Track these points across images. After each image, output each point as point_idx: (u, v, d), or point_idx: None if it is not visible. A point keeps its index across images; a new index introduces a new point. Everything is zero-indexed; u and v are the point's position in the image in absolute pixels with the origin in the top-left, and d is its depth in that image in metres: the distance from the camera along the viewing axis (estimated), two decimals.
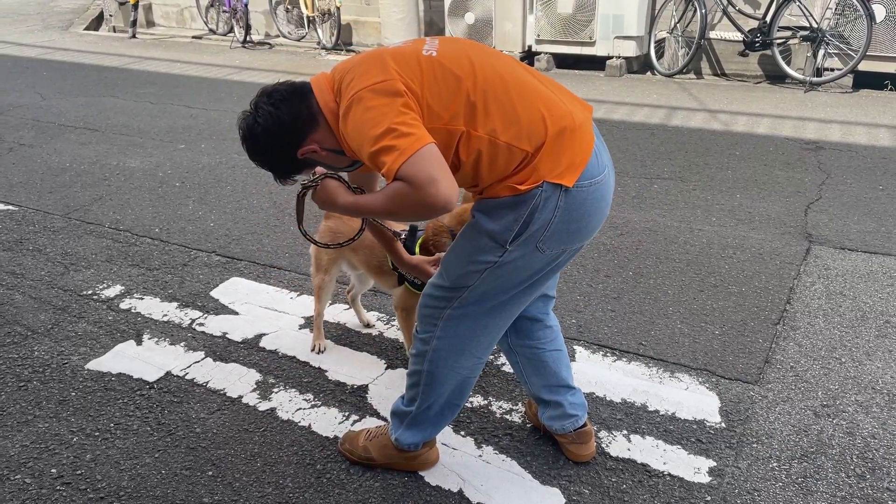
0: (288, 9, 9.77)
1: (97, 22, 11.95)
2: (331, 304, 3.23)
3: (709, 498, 2.13)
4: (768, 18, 6.73)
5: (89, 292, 3.41)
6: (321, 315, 2.88)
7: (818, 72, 6.72)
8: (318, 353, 2.88)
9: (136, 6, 10.84)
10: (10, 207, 4.46)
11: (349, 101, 1.72)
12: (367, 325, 3.06)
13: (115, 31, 11.49)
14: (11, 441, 2.44)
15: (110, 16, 11.57)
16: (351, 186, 1.92)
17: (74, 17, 12.46)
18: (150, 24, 11.60)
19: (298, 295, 3.34)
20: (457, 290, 1.93)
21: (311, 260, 2.84)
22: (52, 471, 2.31)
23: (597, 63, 7.65)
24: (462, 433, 2.42)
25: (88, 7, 12.72)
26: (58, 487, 2.24)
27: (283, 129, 1.82)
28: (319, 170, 1.93)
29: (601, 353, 2.85)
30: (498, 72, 1.79)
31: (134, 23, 10.88)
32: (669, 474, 2.23)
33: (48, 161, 5.32)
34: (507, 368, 2.75)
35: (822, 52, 6.64)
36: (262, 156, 1.89)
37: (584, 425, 2.27)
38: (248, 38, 9.79)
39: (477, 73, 1.76)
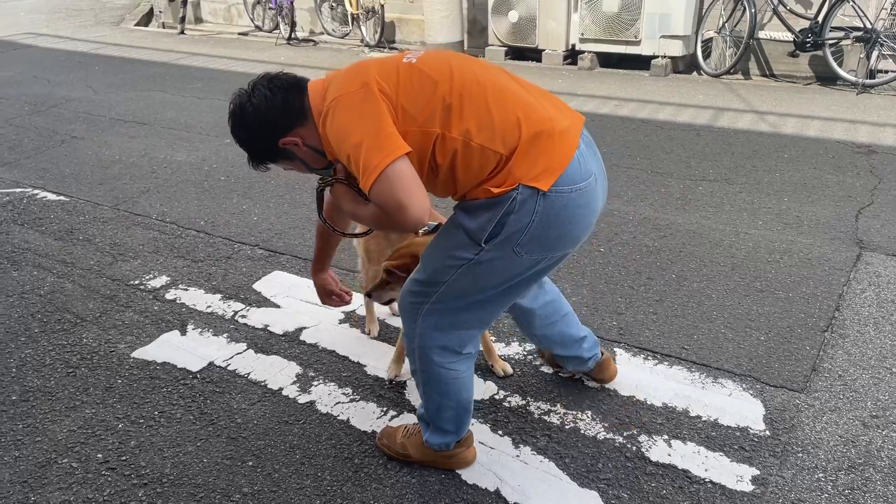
0: (333, 6, 9.85)
1: (147, 18, 12.20)
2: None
3: None
4: (820, 18, 6.56)
5: (136, 282, 3.49)
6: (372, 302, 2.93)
7: (871, 73, 6.53)
8: (368, 336, 2.95)
9: (184, 3, 11.03)
10: (62, 198, 4.58)
11: (329, 105, 1.78)
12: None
13: (164, 28, 11.72)
14: (59, 425, 2.51)
15: (160, 12, 11.81)
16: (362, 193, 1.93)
17: (125, 13, 12.74)
18: (199, 20, 11.80)
19: None
20: (433, 284, 1.94)
21: (358, 254, 2.85)
22: (98, 456, 2.36)
23: (641, 62, 7.55)
24: (500, 433, 2.42)
25: (139, 3, 12.99)
26: (103, 472, 2.29)
27: (273, 113, 1.86)
28: (340, 168, 1.95)
29: (642, 356, 2.81)
30: (476, 77, 1.81)
31: (182, 19, 11.08)
32: (711, 481, 2.19)
33: (98, 153, 5.45)
34: (546, 369, 2.73)
35: (875, 53, 6.45)
36: (244, 134, 1.91)
37: (602, 354, 2.47)
38: (293, 35, 9.89)
39: (454, 77, 1.79)
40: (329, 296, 2.41)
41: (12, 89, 7.56)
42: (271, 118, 1.85)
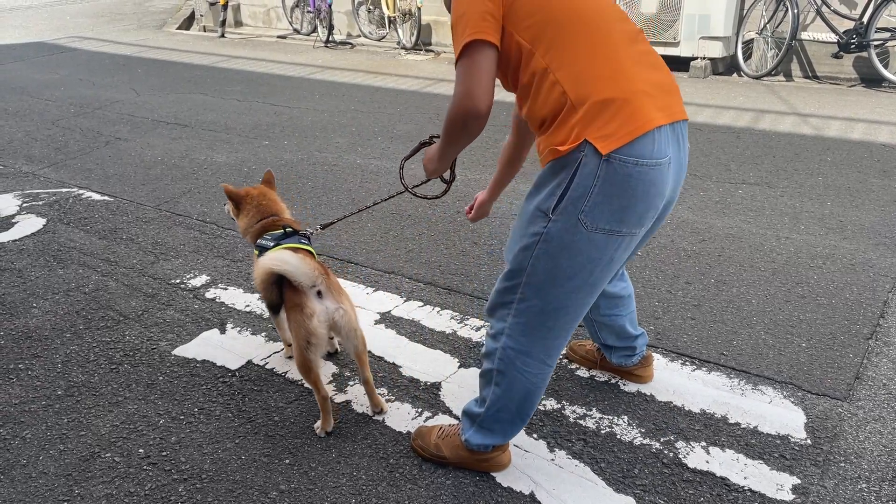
0: (370, 9, 9.93)
1: (189, 22, 12.43)
2: (405, 301, 3.27)
3: None
4: (865, 19, 6.42)
5: (177, 281, 3.55)
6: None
7: None
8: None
9: (225, 6, 11.22)
10: (107, 198, 4.69)
11: None
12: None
13: (205, 31, 11.93)
14: (103, 420, 2.57)
15: (201, 16, 12.02)
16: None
17: (167, 17, 13.00)
18: (238, 23, 11.99)
19: (374, 291, 3.39)
20: (517, 273, 1.94)
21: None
22: (140, 451, 2.41)
23: (680, 64, 7.47)
24: (535, 436, 2.41)
25: (181, 7, 13.25)
26: (144, 467, 2.34)
27: None
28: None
29: (680, 361, 2.78)
30: (590, 14, 1.81)
31: (223, 23, 11.27)
32: (750, 489, 2.16)
33: (141, 154, 5.57)
34: (581, 373, 2.72)
35: None
36: None
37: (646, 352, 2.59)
38: (330, 38, 9.99)
39: (574, 5, 1.81)
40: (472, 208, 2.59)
41: (59, 91, 7.76)
42: None
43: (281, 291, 2.32)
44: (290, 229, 2.62)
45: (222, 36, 11.22)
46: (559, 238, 1.83)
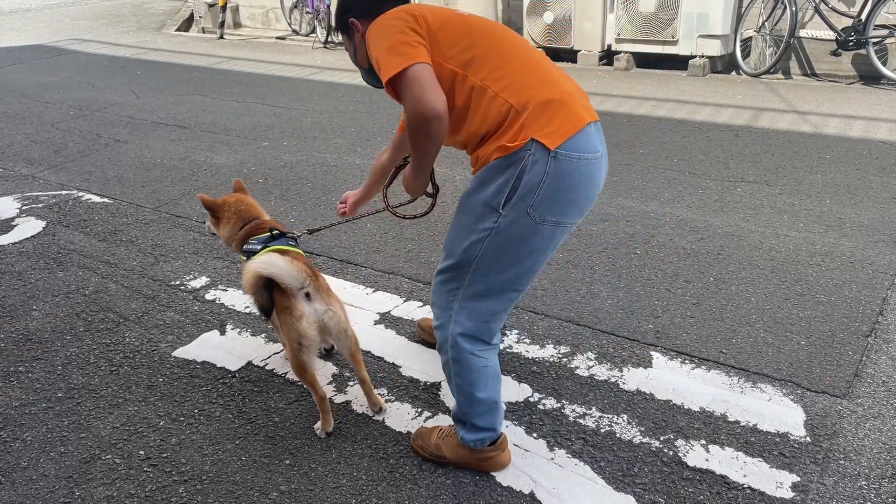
0: None
1: (188, 23, 12.44)
2: (405, 301, 3.28)
3: None
4: (863, 16, 6.42)
5: (177, 283, 3.56)
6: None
7: None
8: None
9: (224, 8, 11.22)
10: (106, 200, 4.70)
11: (381, 17, 1.98)
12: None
13: (204, 32, 11.93)
14: (103, 422, 2.57)
15: (200, 17, 12.03)
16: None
17: (166, 19, 13.01)
18: (237, 25, 11.99)
19: (374, 291, 3.40)
20: (464, 265, 2.03)
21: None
22: (140, 452, 2.42)
23: (679, 62, 7.47)
24: (534, 435, 2.41)
25: (180, 9, 13.25)
26: (145, 469, 2.34)
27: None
28: None
29: (679, 360, 2.78)
30: (511, 41, 1.99)
31: (222, 24, 11.27)
32: (749, 487, 2.16)
33: (141, 156, 5.57)
34: (580, 372, 2.72)
35: None
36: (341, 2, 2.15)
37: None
38: (329, 39, 9.99)
39: (490, 33, 1.97)
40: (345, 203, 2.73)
41: (58, 94, 7.77)
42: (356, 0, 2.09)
43: (271, 295, 2.32)
44: (277, 231, 2.62)
45: (221, 37, 11.22)
46: (508, 231, 1.94)
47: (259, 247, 2.54)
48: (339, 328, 2.36)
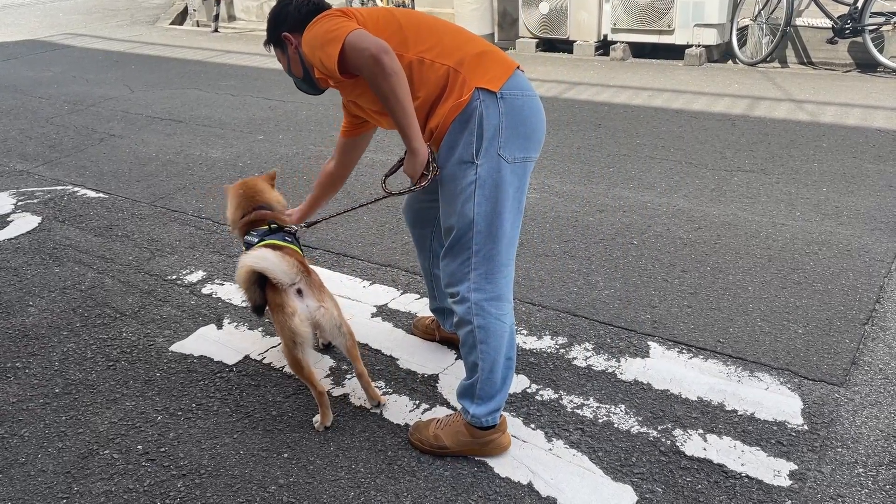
0: (364, 2, 9.88)
1: (182, 17, 12.38)
2: (402, 294, 3.27)
3: (789, 502, 2.06)
4: (859, 4, 6.40)
5: (173, 277, 3.55)
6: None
7: None
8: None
9: (218, 1, 11.17)
10: (102, 195, 4.68)
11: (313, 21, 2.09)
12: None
13: (198, 26, 11.88)
14: (101, 417, 2.57)
15: (194, 11, 11.97)
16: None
17: (160, 13, 12.94)
18: (232, 18, 11.93)
19: (371, 284, 3.39)
20: (466, 230, 2.09)
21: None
22: (139, 447, 2.42)
23: (675, 52, 7.45)
24: (532, 426, 2.41)
25: (174, 2, 13.18)
26: (143, 463, 2.34)
27: (293, 11, 2.19)
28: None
29: (677, 349, 2.78)
30: (430, 20, 2.14)
31: (216, 17, 11.21)
32: (747, 476, 2.16)
33: (136, 151, 5.55)
34: (578, 363, 2.72)
35: None
36: (271, 14, 2.26)
37: None
38: None
39: (411, 17, 2.12)
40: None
41: (52, 89, 7.73)
42: (288, 12, 2.19)
43: (264, 292, 2.31)
44: (276, 225, 2.60)
45: (216, 31, 11.17)
46: (490, 178, 2.04)
47: (256, 240, 2.53)
48: (333, 325, 2.35)
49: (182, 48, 9.89)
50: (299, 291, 2.29)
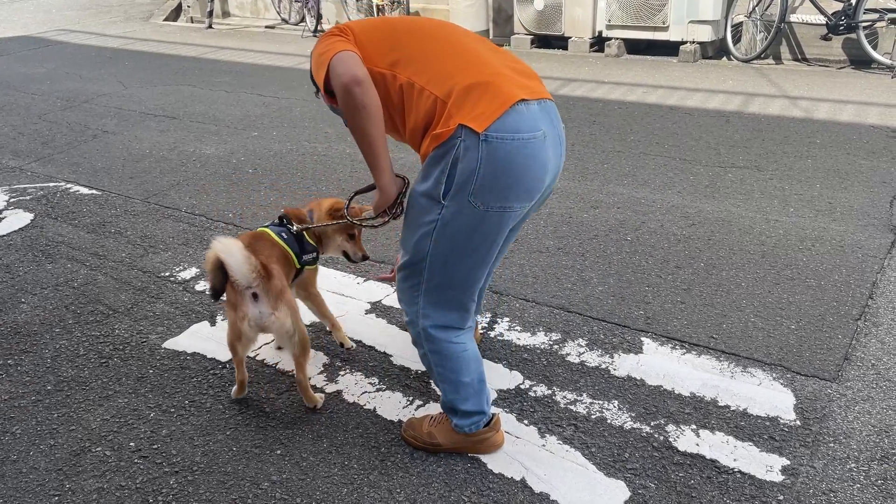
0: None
1: (176, 13, 12.33)
2: (395, 291, 3.27)
3: (781, 497, 2.07)
4: (853, 1, 6.41)
5: (166, 274, 3.54)
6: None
7: None
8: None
9: None
10: (95, 192, 4.66)
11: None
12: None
13: (192, 22, 11.84)
14: (93, 414, 2.56)
15: (188, 7, 11.93)
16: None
17: (154, 8, 12.89)
18: (226, 14, 11.89)
19: (364, 280, 3.39)
20: (419, 261, 2.03)
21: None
22: (131, 444, 2.41)
23: (670, 48, 7.46)
24: (525, 422, 2.41)
25: None
26: (135, 460, 2.34)
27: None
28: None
29: (670, 345, 2.78)
30: (434, 33, 1.98)
31: (210, 13, 11.18)
32: (740, 471, 2.17)
33: (129, 147, 5.53)
34: (571, 359, 2.73)
35: None
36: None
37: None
38: (318, 28, 9.93)
39: (413, 31, 1.98)
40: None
41: (45, 85, 7.70)
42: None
43: (226, 281, 2.31)
44: (283, 216, 2.64)
45: (210, 27, 11.13)
46: (455, 221, 1.93)
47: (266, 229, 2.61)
48: (282, 333, 2.38)
49: (176, 44, 9.85)
50: (255, 295, 2.31)
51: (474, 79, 1.87)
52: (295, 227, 2.64)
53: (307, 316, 2.85)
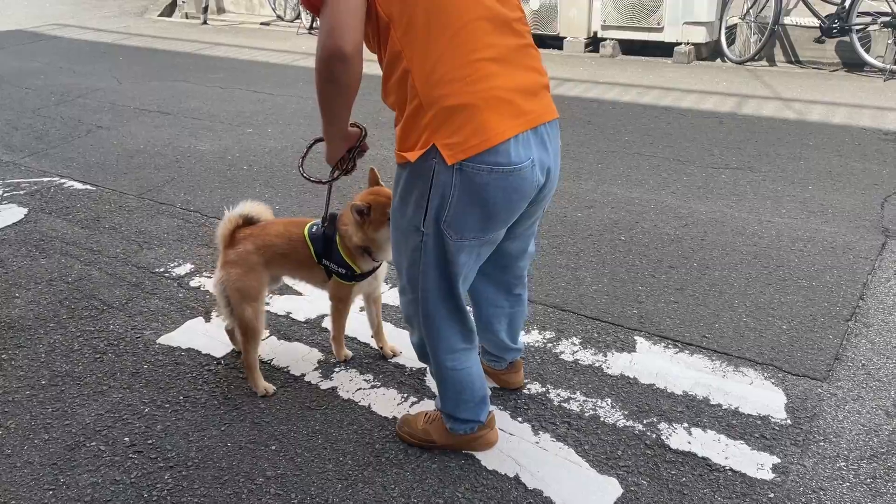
0: None
1: (171, 8, 12.29)
2: (391, 288, 3.28)
3: (772, 495, 2.09)
4: (847, 4, 6.45)
5: (161, 270, 3.54)
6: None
7: None
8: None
9: None
10: (89, 187, 4.65)
11: None
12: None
13: (187, 18, 11.80)
14: (88, 409, 2.56)
15: (183, 2, 11.89)
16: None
17: (149, 4, 12.84)
18: (221, 10, 11.87)
19: None
20: (413, 288, 2.00)
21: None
22: (125, 439, 2.41)
23: (664, 49, 7.48)
24: (519, 419, 2.43)
25: None
26: (130, 455, 2.34)
27: None
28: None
29: (662, 344, 2.81)
30: (462, 15, 1.67)
31: (205, 9, 11.15)
32: (731, 469, 2.19)
33: (124, 143, 5.52)
34: (565, 357, 2.74)
35: None
36: None
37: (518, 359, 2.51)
38: (313, 25, 9.91)
39: (445, 6, 1.67)
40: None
41: (39, 80, 7.67)
42: None
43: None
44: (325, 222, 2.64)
45: (205, 23, 11.10)
46: (436, 248, 1.87)
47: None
48: (223, 297, 2.56)
49: (171, 40, 9.82)
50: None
51: (463, 99, 1.66)
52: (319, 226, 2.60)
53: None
